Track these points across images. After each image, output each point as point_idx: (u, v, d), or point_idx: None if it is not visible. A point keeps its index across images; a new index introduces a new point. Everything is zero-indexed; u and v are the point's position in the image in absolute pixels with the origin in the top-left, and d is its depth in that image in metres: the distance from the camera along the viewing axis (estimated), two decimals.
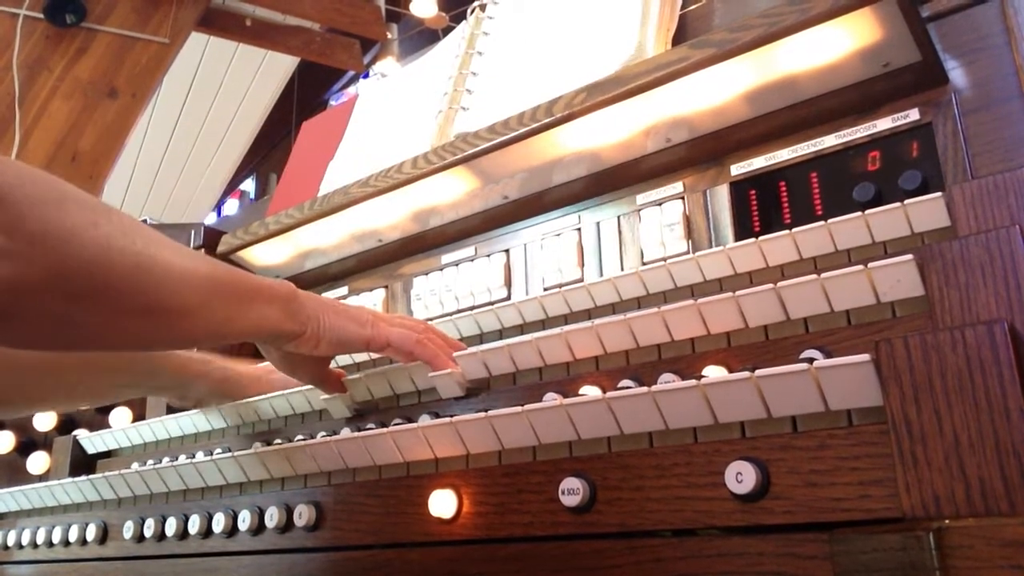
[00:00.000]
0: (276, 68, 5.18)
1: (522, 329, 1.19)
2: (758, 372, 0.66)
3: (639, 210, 1.29)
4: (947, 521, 0.50)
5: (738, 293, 0.85)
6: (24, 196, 0.69)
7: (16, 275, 0.68)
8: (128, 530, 1.11)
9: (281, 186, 1.86)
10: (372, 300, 1.60)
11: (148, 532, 1.08)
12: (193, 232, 1.81)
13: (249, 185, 7.82)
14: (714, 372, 0.81)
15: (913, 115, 1.08)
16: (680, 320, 0.89)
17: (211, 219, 6.30)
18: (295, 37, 3.95)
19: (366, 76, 6.12)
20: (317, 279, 1.74)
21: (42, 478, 1.67)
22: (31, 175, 0.71)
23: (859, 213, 0.94)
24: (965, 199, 0.81)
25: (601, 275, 1.30)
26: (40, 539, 1.26)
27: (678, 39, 1.30)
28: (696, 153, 1.25)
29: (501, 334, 1.21)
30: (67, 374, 1.17)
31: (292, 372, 1.12)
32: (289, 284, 0.98)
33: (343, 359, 1.36)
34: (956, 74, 1.07)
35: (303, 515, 0.90)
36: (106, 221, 0.75)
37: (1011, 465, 0.51)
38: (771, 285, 0.83)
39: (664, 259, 1.19)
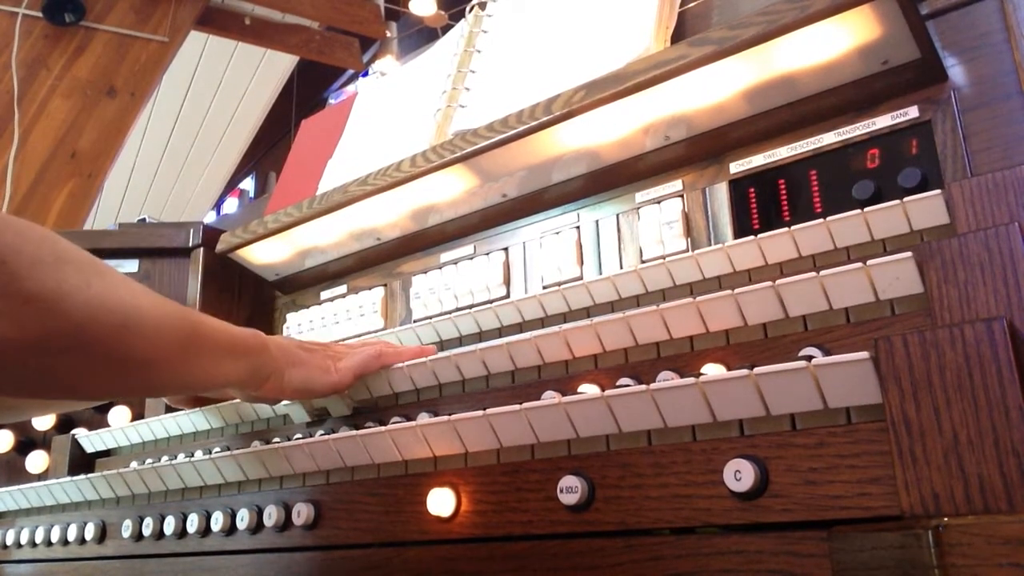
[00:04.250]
0: (275, 67, 5.18)
1: (521, 327, 1.19)
2: (757, 370, 0.66)
3: (638, 208, 1.29)
4: (946, 519, 0.50)
5: (737, 291, 0.85)
6: (23, 257, 0.69)
7: (8, 333, 0.68)
8: (127, 529, 1.11)
9: (280, 184, 1.86)
10: (371, 299, 1.60)
11: (147, 531, 1.08)
12: (192, 231, 1.81)
13: (248, 183, 7.82)
14: (713, 370, 0.81)
15: (912, 112, 1.08)
16: (679, 318, 0.89)
17: (210, 217, 6.31)
18: (294, 36, 3.96)
19: (365, 74, 6.12)
20: (316, 277, 1.74)
21: (41, 477, 1.67)
22: (31, 235, 0.72)
23: (858, 211, 0.93)
24: (964, 197, 0.81)
25: (600, 273, 1.30)
26: (39, 538, 1.26)
27: (677, 36, 1.30)
28: (695, 151, 1.25)
29: (500, 332, 1.21)
30: None
31: (254, 403, 1.17)
32: (259, 336, 0.98)
33: None
34: (955, 71, 1.06)
35: (301, 514, 0.90)
36: (98, 280, 0.76)
37: (1010, 463, 0.51)
38: (770, 283, 0.83)
39: (663, 257, 1.19)
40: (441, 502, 0.78)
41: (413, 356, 1.10)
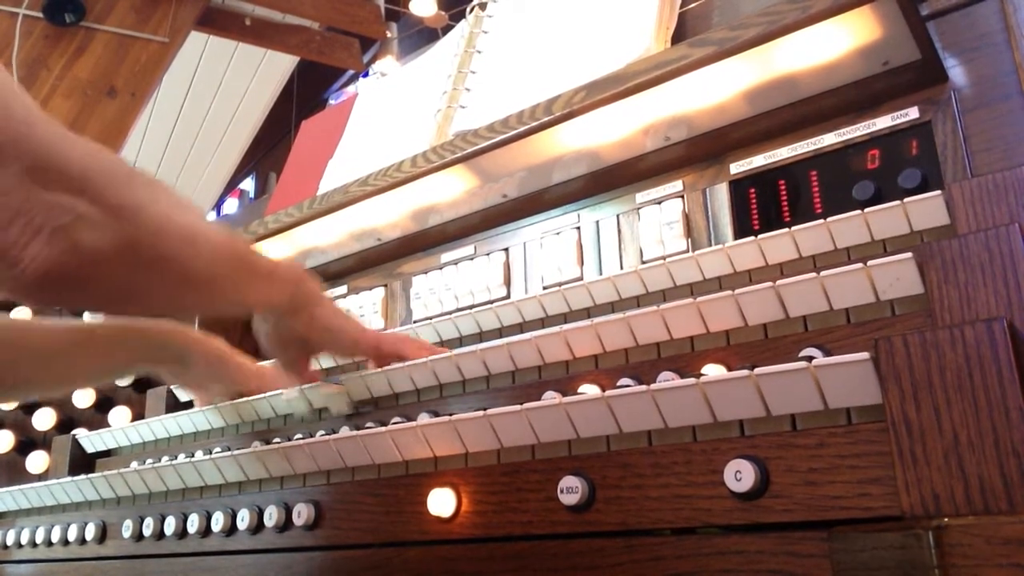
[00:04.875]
0: (275, 67, 5.17)
1: (521, 328, 1.19)
2: (757, 370, 0.66)
3: (638, 209, 1.29)
4: (946, 519, 0.50)
5: (737, 291, 0.85)
6: (101, 173, 0.76)
7: (99, 243, 0.75)
8: (127, 529, 1.11)
9: (280, 185, 1.86)
10: (371, 299, 1.60)
11: (147, 531, 1.08)
12: None
13: (248, 184, 7.81)
14: (713, 371, 0.81)
15: (912, 113, 1.08)
16: (679, 319, 0.89)
17: (211, 218, 6.30)
18: (294, 36, 3.95)
19: (365, 75, 6.12)
20: (317, 278, 1.73)
21: (41, 477, 1.67)
22: (101, 153, 0.78)
23: (858, 211, 0.93)
24: (964, 197, 0.81)
25: (600, 274, 1.30)
26: (39, 538, 1.26)
27: (677, 37, 1.30)
28: (695, 151, 1.25)
29: (500, 333, 1.21)
30: (88, 351, 1.22)
31: (272, 345, 1.16)
32: (299, 267, 1.06)
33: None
34: (956, 72, 1.06)
35: (302, 514, 0.90)
36: (165, 197, 0.83)
37: (1010, 463, 0.51)
38: (770, 283, 0.83)
39: (663, 258, 1.19)
40: (441, 502, 0.78)
41: (430, 352, 1.11)
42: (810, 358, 0.65)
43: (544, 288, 1.35)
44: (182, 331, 1.27)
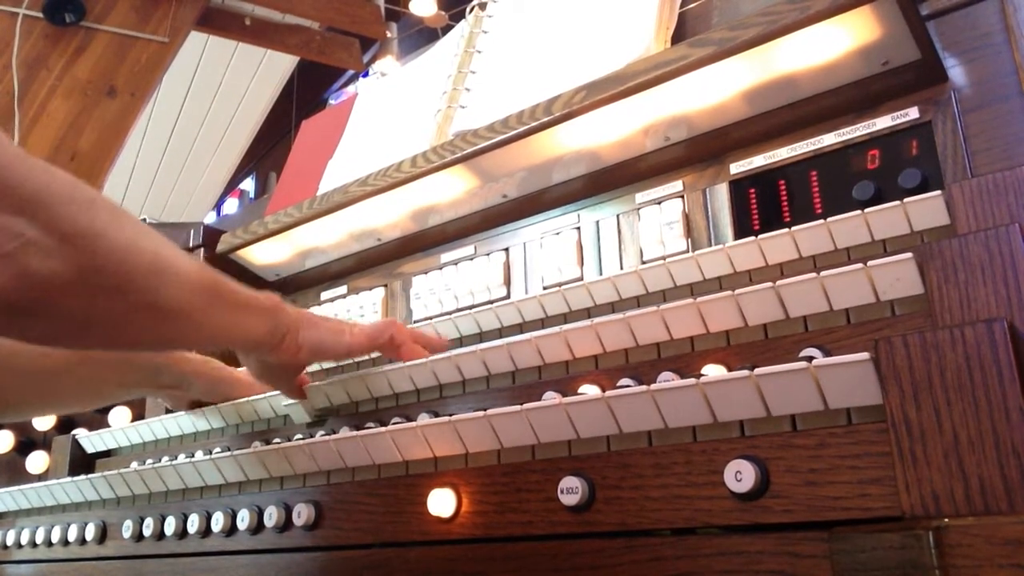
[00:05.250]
0: (275, 67, 5.18)
1: (521, 328, 1.19)
2: (757, 371, 0.66)
3: (638, 209, 1.29)
4: (946, 520, 0.50)
5: (737, 292, 0.85)
6: (56, 197, 0.73)
7: (51, 271, 0.72)
8: (127, 529, 1.11)
9: (280, 185, 1.86)
10: (371, 299, 1.60)
11: (147, 531, 1.08)
12: (193, 231, 1.81)
13: (248, 184, 7.82)
14: (713, 371, 0.81)
15: (912, 113, 1.08)
16: (679, 319, 0.89)
17: (211, 218, 6.31)
18: (294, 36, 3.95)
19: (365, 75, 6.13)
20: (317, 278, 1.74)
21: (41, 478, 1.67)
22: (59, 177, 0.75)
23: (858, 211, 0.93)
24: (964, 197, 0.81)
25: (600, 274, 1.30)
26: (39, 538, 1.26)
27: (677, 37, 1.30)
28: (695, 152, 1.25)
29: (500, 333, 1.21)
30: (80, 375, 1.20)
31: (263, 377, 1.15)
32: (274, 296, 1.01)
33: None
34: (956, 72, 1.06)
35: (302, 514, 0.90)
36: (129, 223, 0.79)
37: (1010, 464, 0.51)
38: (770, 284, 0.83)
39: (663, 258, 1.19)
40: (442, 503, 0.78)
41: (425, 338, 1.11)
42: (810, 358, 0.65)
43: (544, 288, 1.35)
44: (178, 355, 1.25)
